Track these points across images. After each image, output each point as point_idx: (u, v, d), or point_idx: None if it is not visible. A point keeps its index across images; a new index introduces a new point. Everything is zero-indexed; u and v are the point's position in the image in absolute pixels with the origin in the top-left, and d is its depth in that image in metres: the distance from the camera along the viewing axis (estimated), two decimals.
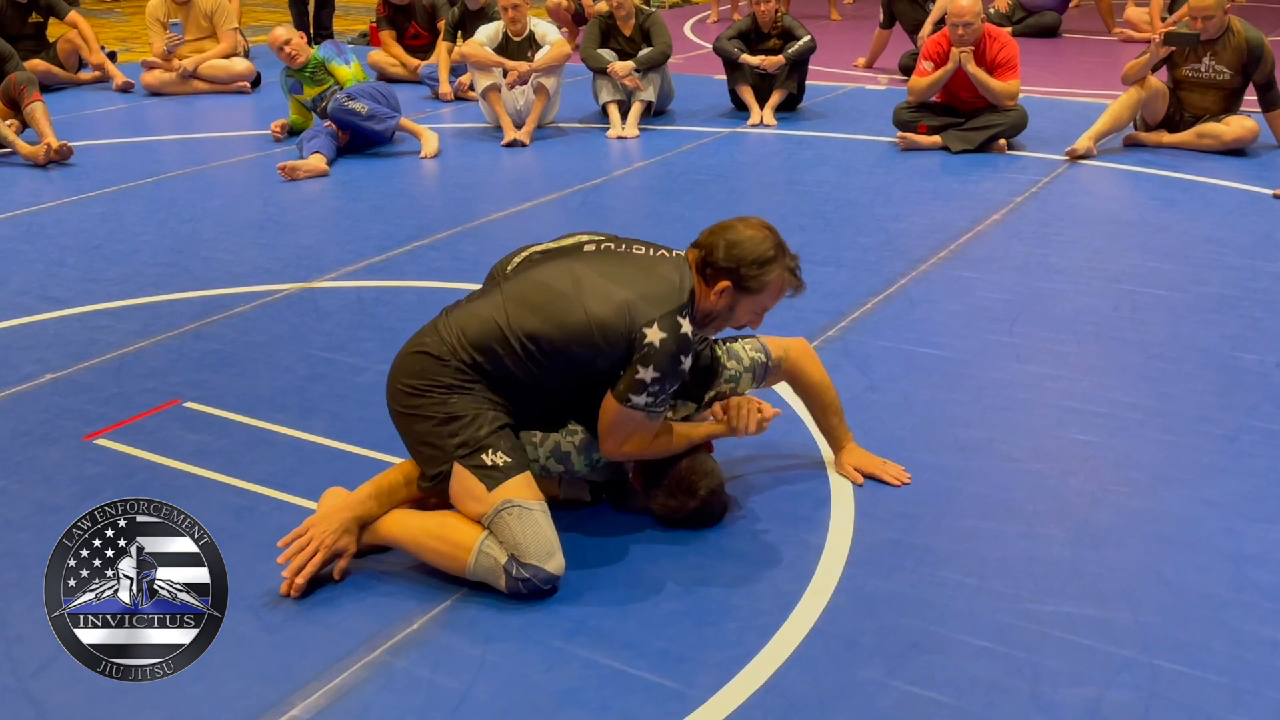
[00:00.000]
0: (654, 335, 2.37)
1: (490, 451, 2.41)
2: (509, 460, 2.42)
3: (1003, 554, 2.56)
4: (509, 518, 2.38)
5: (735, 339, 2.79)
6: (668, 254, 2.55)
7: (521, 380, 2.47)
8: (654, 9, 7.07)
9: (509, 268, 2.70)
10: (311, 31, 9.81)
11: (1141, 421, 3.14)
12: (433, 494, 2.51)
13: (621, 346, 2.40)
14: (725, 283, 2.45)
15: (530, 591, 2.39)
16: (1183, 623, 2.32)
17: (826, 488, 2.85)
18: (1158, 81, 5.90)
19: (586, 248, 2.58)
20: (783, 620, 2.35)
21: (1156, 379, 3.40)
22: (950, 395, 3.33)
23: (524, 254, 2.71)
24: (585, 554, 2.59)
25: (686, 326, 2.40)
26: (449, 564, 2.44)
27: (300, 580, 2.42)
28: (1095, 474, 2.89)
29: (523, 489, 2.41)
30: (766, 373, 2.79)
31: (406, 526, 2.49)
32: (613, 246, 2.59)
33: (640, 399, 2.41)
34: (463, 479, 2.42)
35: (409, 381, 2.48)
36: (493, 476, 2.40)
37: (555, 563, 2.39)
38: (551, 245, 2.71)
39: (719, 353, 2.74)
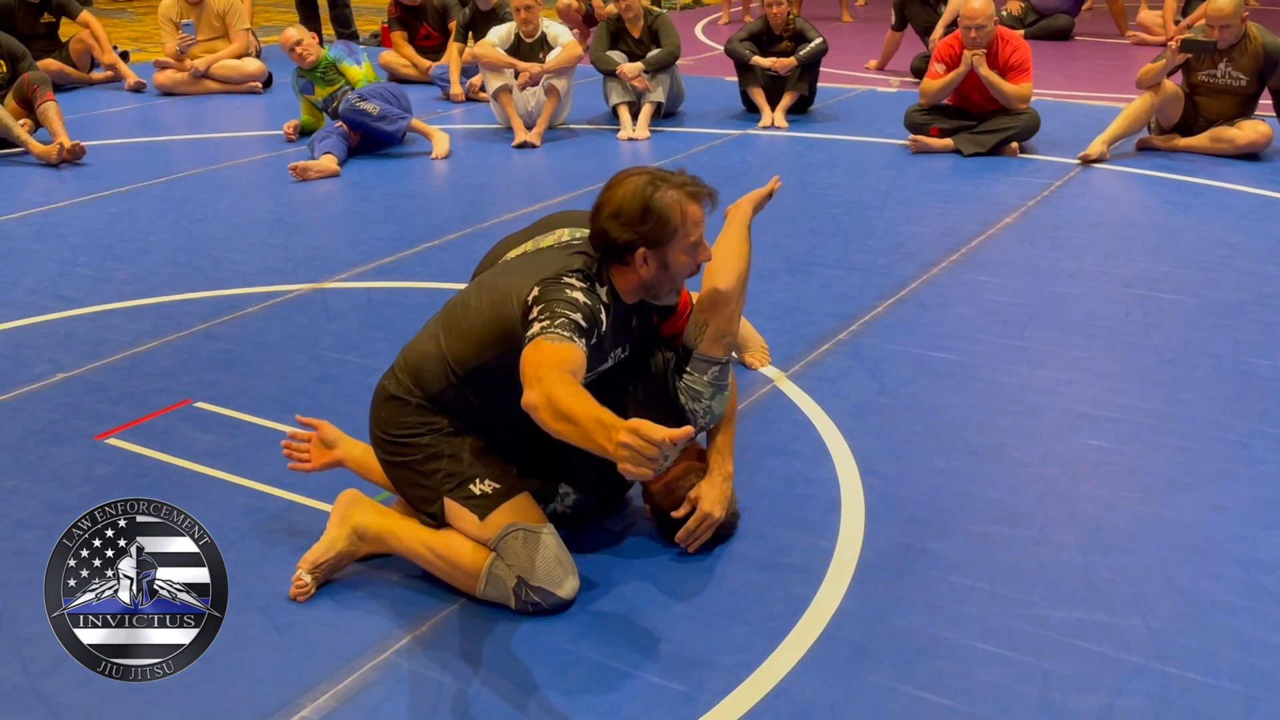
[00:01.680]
0: (534, 293, 2.24)
1: (477, 481, 2.38)
2: (498, 487, 2.39)
3: (1013, 559, 2.55)
4: (515, 542, 2.36)
5: (680, 376, 2.54)
6: (576, 243, 2.44)
7: (472, 410, 2.42)
8: (662, 10, 7.07)
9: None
10: (333, 30, 9.84)
11: (1153, 427, 3.13)
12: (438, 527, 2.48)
13: (521, 329, 2.23)
14: (640, 250, 2.29)
15: (538, 611, 2.37)
16: (1194, 629, 2.31)
17: (837, 492, 2.84)
18: (1173, 86, 5.88)
19: (511, 254, 2.52)
20: (792, 624, 2.34)
21: (1169, 384, 3.38)
22: (961, 399, 3.32)
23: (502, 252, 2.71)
24: (594, 557, 2.59)
25: (575, 284, 2.24)
26: (458, 585, 2.42)
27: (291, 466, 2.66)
28: (1107, 479, 2.88)
29: (520, 512, 2.38)
30: (726, 372, 2.56)
31: (414, 544, 2.45)
32: (530, 248, 2.52)
33: (533, 328, 2.16)
34: (455, 511, 2.39)
35: (382, 431, 2.46)
36: (483, 506, 2.37)
37: (568, 588, 2.37)
38: (525, 245, 2.66)
39: (681, 400, 2.54)
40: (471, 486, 2.39)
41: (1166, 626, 2.32)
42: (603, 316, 2.28)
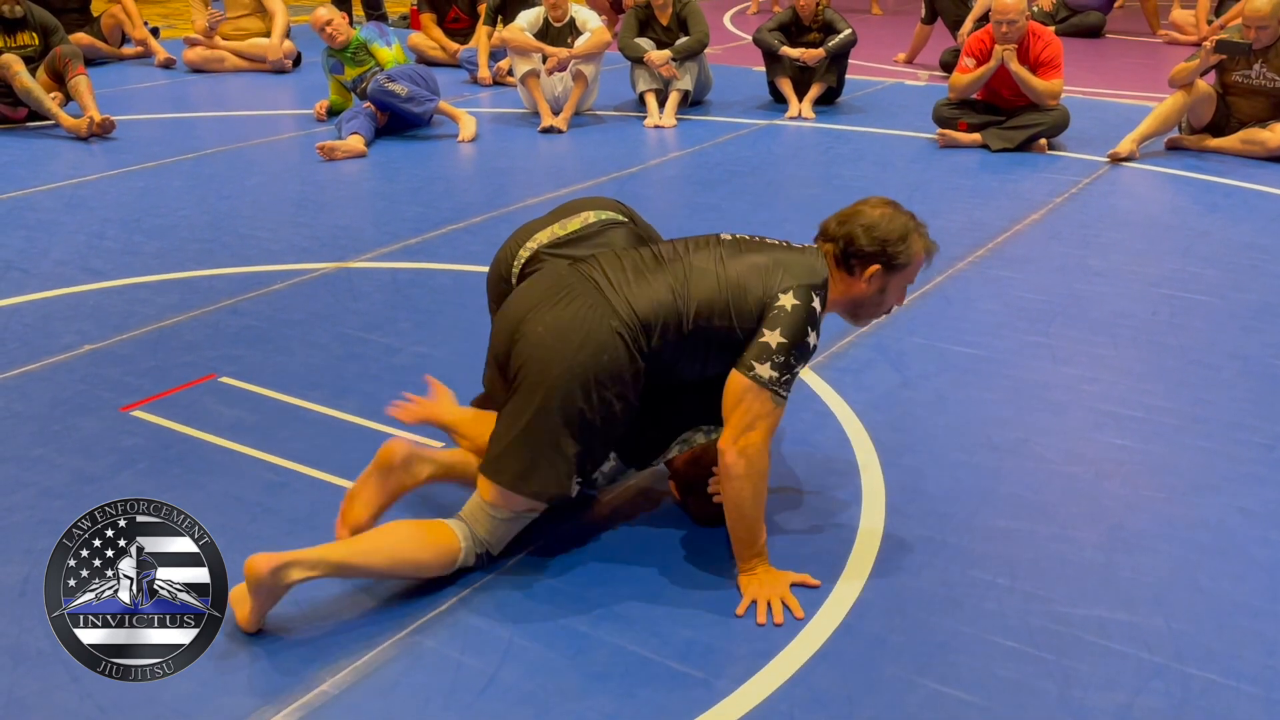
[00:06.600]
0: (787, 300, 2.34)
1: (571, 486, 2.41)
2: (569, 492, 2.43)
3: (1035, 555, 2.54)
4: (517, 524, 2.44)
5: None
6: (802, 247, 2.53)
7: (661, 370, 2.41)
8: None
9: (523, 255, 2.70)
10: (362, 11, 9.86)
11: (1178, 427, 3.11)
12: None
13: (754, 311, 2.34)
14: (874, 267, 2.41)
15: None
16: (1216, 631, 2.30)
17: (858, 483, 2.83)
18: (1206, 85, 5.82)
19: (724, 236, 2.53)
20: (811, 615, 2.34)
21: (1195, 385, 3.36)
22: (985, 395, 3.31)
23: (544, 241, 2.70)
24: (615, 543, 2.60)
25: (818, 304, 2.37)
26: (418, 576, 2.41)
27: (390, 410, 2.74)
28: (1130, 478, 2.87)
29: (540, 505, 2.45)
30: None
31: (372, 566, 2.34)
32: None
33: (763, 368, 2.30)
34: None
35: (584, 370, 2.31)
36: (541, 497, 2.40)
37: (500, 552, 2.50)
38: (553, 226, 2.72)
39: None
40: (573, 481, 2.41)
41: (1188, 627, 2.31)
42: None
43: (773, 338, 2.32)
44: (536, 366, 2.35)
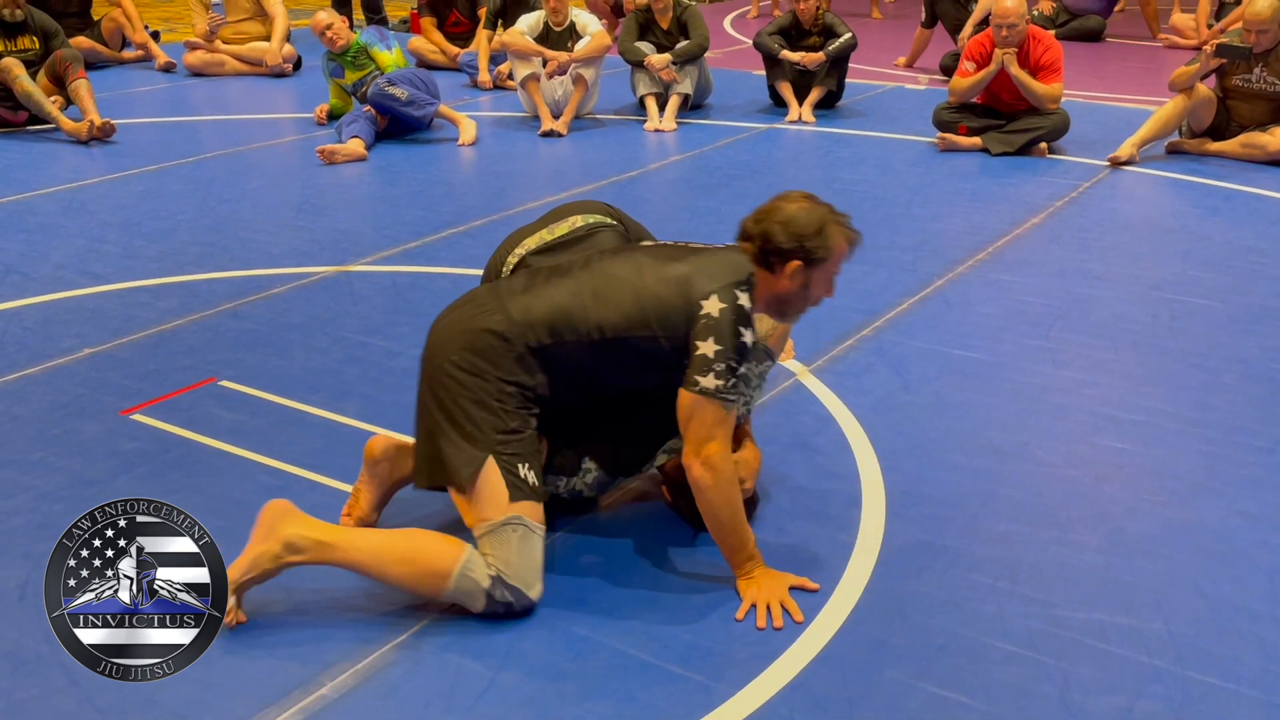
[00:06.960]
0: (711, 306, 2.32)
1: (525, 466, 2.35)
2: (538, 485, 2.37)
3: (1035, 559, 2.54)
4: (513, 535, 2.31)
5: None
6: (724, 246, 2.52)
7: (567, 373, 2.40)
8: (691, 3, 7.06)
9: (511, 261, 2.73)
10: (363, 15, 9.87)
11: (1179, 430, 3.11)
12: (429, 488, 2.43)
13: (680, 324, 2.33)
14: (794, 263, 2.39)
15: (507, 613, 2.33)
16: (1216, 635, 2.29)
17: (858, 486, 2.83)
18: (1206, 89, 5.83)
19: (644, 243, 2.54)
20: (811, 618, 2.34)
21: (1195, 388, 3.36)
22: (985, 398, 3.31)
23: (531, 246, 2.73)
24: (615, 547, 2.60)
25: (745, 300, 2.35)
26: (420, 588, 2.32)
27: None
28: (1131, 482, 2.86)
29: (536, 512, 2.36)
30: (770, 368, 2.71)
31: (368, 550, 2.31)
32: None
33: (707, 380, 2.29)
34: (490, 477, 2.31)
35: (461, 359, 2.35)
36: (519, 489, 2.33)
37: (537, 590, 2.35)
38: (541, 233, 2.76)
39: None
40: (521, 467, 2.35)
41: (1188, 631, 2.30)
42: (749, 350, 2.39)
43: (707, 348, 2.31)
44: (422, 363, 2.45)
